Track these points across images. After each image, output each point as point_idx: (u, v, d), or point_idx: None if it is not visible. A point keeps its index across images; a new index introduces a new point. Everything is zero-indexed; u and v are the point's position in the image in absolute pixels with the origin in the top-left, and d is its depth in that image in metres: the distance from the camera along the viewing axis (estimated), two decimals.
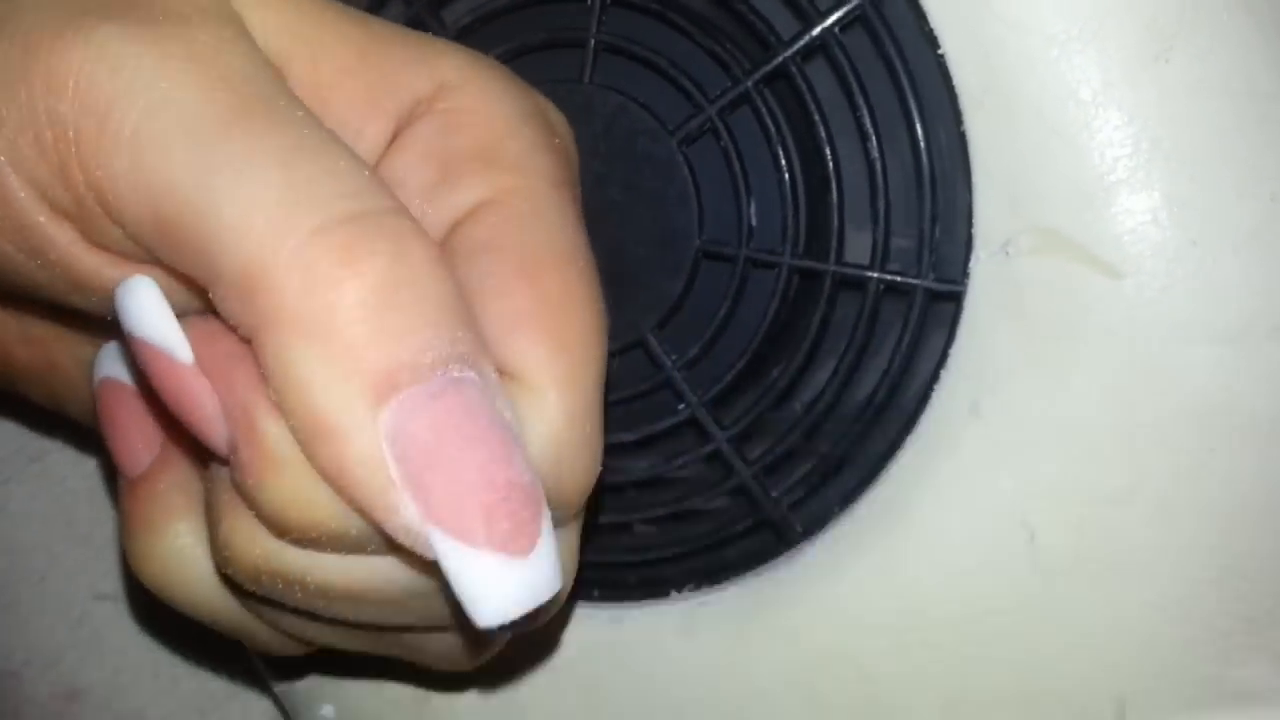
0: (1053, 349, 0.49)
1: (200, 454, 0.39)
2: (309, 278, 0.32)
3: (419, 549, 0.34)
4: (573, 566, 0.44)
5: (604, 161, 0.53)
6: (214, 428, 0.36)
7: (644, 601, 0.57)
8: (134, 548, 0.42)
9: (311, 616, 0.41)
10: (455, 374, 0.33)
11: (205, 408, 0.35)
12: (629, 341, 0.54)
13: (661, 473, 0.56)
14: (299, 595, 0.38)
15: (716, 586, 0.56)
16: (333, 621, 0.41)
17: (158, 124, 0.33)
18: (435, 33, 0.55)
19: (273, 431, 0.34)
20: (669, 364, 0.54)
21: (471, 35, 0.55)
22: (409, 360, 0.33)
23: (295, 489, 0.35)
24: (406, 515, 0.33)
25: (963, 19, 0.49)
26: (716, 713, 0.56)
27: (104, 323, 0.38)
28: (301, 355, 0.33)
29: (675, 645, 0.56)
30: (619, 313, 0.53)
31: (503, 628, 0.34)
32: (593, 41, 0.53)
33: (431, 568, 0.35)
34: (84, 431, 0.51)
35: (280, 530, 0.36)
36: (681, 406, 0.55)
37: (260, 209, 0.33)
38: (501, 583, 0.33)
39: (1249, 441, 0.49)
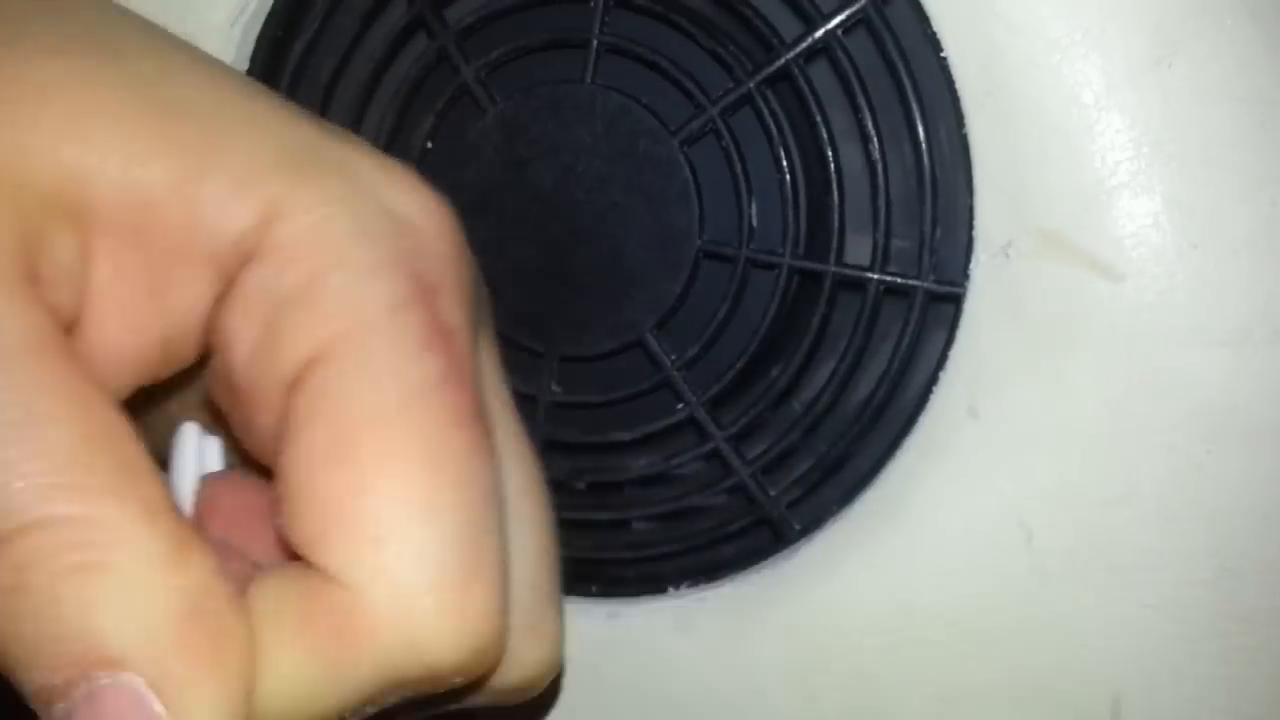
0: (1052, 351, 0.50)
1: None
2: None
3: None
4: (549, 666, 0.42)
5: (605, 162, 0.53)
6: None
7: (641, 597, 0.57)
8: None
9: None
10: (102, 681, 0.31)
11: None
12: (628, 341, 0.54)
13: (660, 471, 0.56)
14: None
15: (714, 583, 0.56)
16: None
17: None
18: (437, 34, 0.55)
19: None
20: (668, 363, 0.54)
21: (474, 35, 0.55)
22: (43, 684, 0.31)
23: None
24: None
25: (966, 22, 0.49)
26: (713, 708, 0.56)
27: None
28: None
29: (672, 641, 0.56)
30: (619, 312, 0.53)
31: None
32: (595, 42, 0.53)
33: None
34: None
35: None
36: (680, 406, 0.55)
37: None
38: None
39: (1247, 445, 0.49)
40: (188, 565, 0.33)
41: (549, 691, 0.58)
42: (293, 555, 0.36)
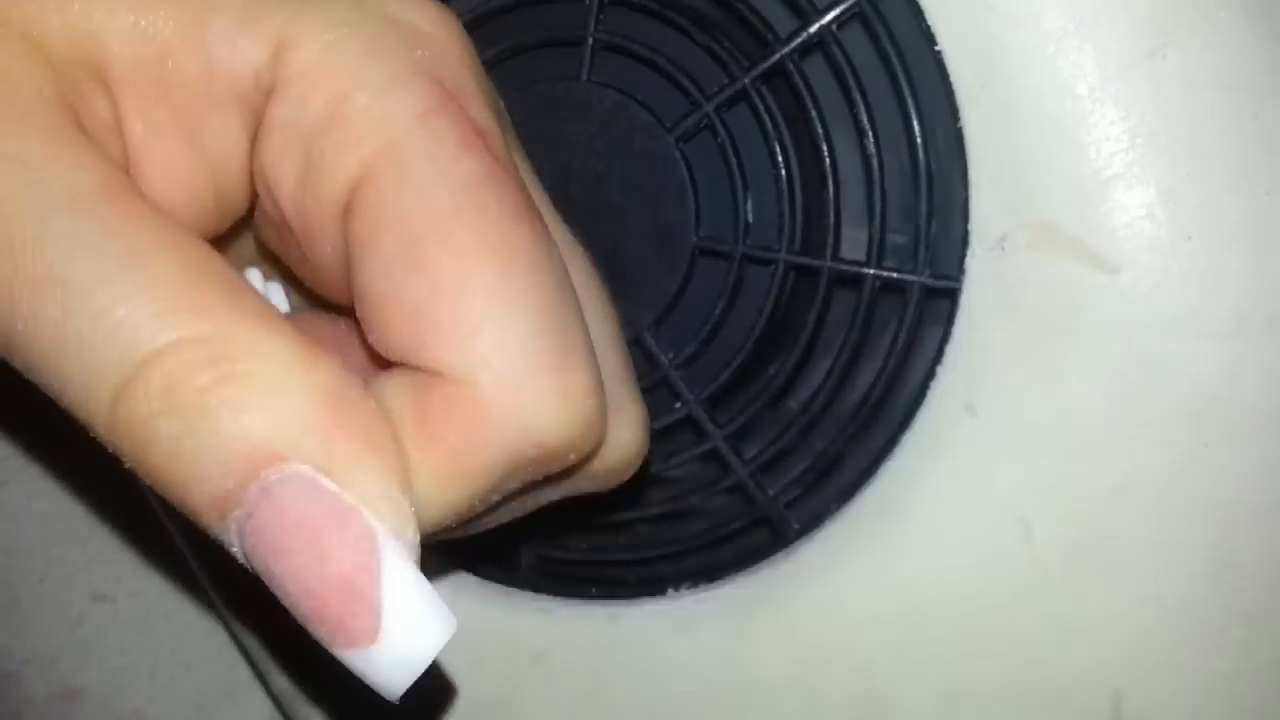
0: (1048, 344, 0.50)
1: None
2: (122, 452, 0.33)
3: None
4: (639, 445, 0.44)
5: (601, 159, 0.53)
6: None
7: (641, 599, 0.57)
8: None
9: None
10: (273, 477, 0.33)
11: None
12: (626, 339, 0.54)
13: (658, 471, 0.56)
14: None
15: (713, 584, 0.56)
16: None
17: None
18: None
19: None
20: (666, 362, 0.54)
21: (469, 34, 0.55)
22: (217, 494, 0.33)
23: None
24: None
25: (960, 15, 0.49)
26: (713, 710, 0.56)
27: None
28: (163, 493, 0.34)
29: (672, 643, 0.56)
30: (616, 310, 0.53)
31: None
32: (590, 40, 0.53)
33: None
34: (81, 431, 0.50)
35: None
36: (678, 405, 0.55)
37: (63, 386, 0.33)
38: (369, 668, 0.34)
39: (1244, 436, 0.49)
40: (318, 361, 0.34)
41: (548, 695, 0.58)
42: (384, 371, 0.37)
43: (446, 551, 0.57)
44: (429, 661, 0.34)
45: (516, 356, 0.36)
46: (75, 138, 0.35)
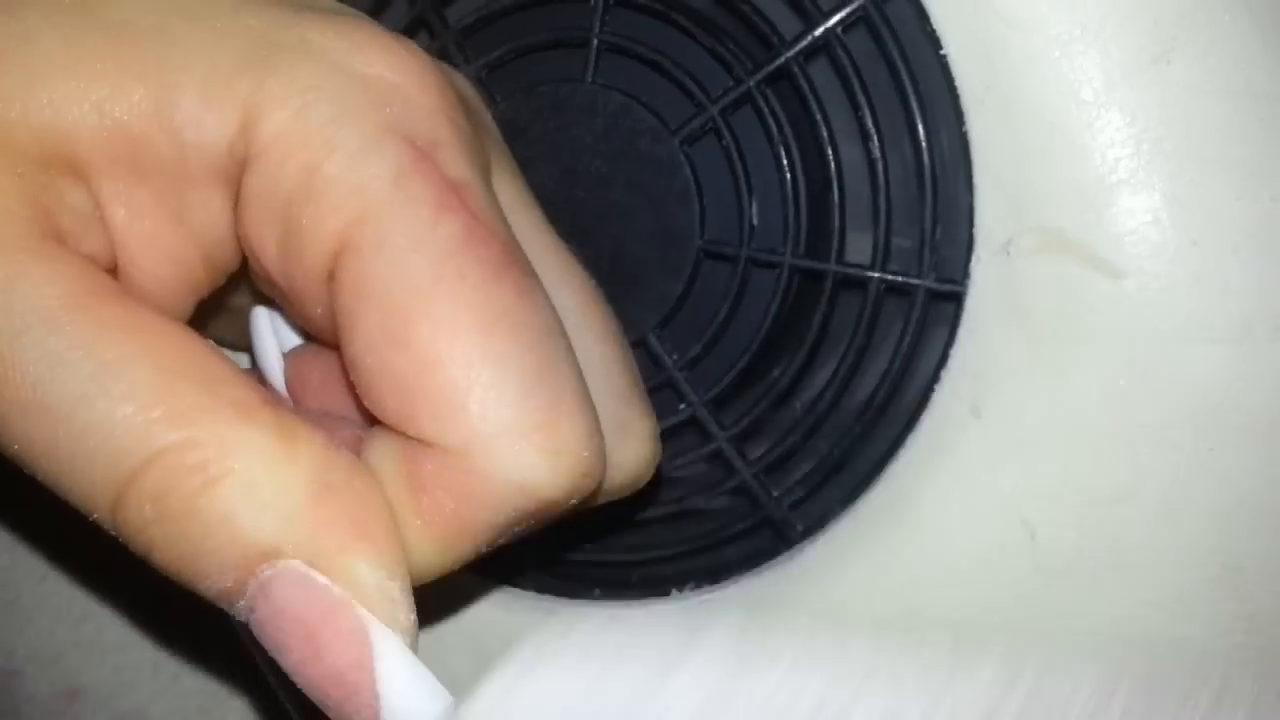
0: (1053, 349, 0.50)
1: None
2: (132, 549, 0.34)
3: None
4: (650, 459, 0.45)
5: (606, 161, 0.53)
6: None
7: (645, 600, 0.57)
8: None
9: None
10: (267, 573, 0.34)
11: None
12: (630, 341, 0.54)
13: (663, 472, 0.56)
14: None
15: (717, 586, 0.56)
16: None
17: None
18: (438, 33, 0.56)
19: None
20: (670, 364, 0.54)
21: (474, 34, 0.56)
22: (220, 590, 0.34)
23: None
24: None
25: (965, 19, 0.49)
26: None
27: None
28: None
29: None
30: (621, 312, 0.53)
31: None
32: (595, 41, 0.53)
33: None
34: None
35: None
36: (682, 406, 0.55)
37: (66, 496, 0.34)
38: None
39: (1249, 441, 0.49)
40: (298, 447, 0.35)
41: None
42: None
43: None
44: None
45: (505, 422, 0.36)
46: (44, 248, 0.35)
